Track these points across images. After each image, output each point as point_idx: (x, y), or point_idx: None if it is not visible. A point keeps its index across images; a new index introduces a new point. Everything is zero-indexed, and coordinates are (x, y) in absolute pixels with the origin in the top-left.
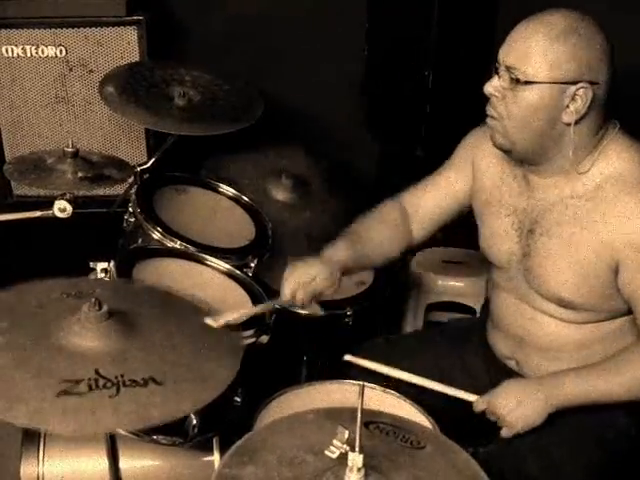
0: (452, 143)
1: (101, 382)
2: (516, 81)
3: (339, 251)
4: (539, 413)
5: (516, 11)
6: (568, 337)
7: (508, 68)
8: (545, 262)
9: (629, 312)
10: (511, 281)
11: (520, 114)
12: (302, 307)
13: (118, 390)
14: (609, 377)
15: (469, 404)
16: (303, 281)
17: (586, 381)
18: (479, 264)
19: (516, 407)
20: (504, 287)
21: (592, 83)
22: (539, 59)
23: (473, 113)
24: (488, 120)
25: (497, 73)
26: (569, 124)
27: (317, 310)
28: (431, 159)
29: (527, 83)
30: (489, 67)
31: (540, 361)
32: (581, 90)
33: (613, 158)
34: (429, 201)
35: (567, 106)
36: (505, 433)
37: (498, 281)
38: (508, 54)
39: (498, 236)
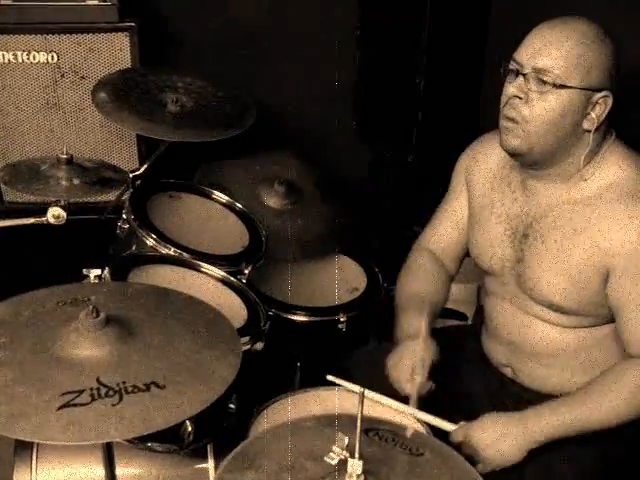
0: (443, 150)
1: (103, 391)
2: (547, 84)
3: (417, 321)
4: (518, 450)
5: (508, 19)
6: (562, 342)
7: (538, 70)
8: (538, 266)
9: None
10: (505, 287)
11: (547, 117)
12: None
13: (121, 397)
14: (589, 408)
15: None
16: (416, 368)
17: (567, 413)
18: (470, 270)
19: (493, 443)
20: (498, 294)
21: (611, 91)
22: (574, 63)
23: (464, 120)
24: (504, 122)
25: (518, 74)
26: (588, 130)
27: (429, 386)
28: (422, 165)
29: (560, 87)
30: (480, 75)
31: (536, 367)
32: (603, 98)
33: (611, 166)
34: (450, 238)
35: (588, 113)
36: (480, 469)
37: (492, 288)
38: (537, 56)
39: (490, 244)
